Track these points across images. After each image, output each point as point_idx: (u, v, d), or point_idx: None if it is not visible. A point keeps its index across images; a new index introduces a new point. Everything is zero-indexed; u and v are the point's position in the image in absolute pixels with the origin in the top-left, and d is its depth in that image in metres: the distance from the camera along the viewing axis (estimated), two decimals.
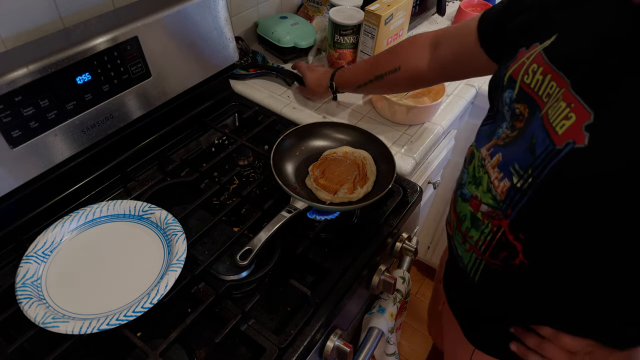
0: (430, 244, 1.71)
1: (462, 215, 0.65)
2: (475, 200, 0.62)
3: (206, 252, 0.76)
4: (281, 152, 0.86)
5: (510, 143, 0.57)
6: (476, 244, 0.62)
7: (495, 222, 0.58)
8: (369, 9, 1.01)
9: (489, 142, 0.62)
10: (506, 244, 0.57)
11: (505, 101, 0.60)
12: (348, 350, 0.70)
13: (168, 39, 0.84)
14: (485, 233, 0.60)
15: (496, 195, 0.57)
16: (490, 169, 0.59)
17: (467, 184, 0.65)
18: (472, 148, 0.67)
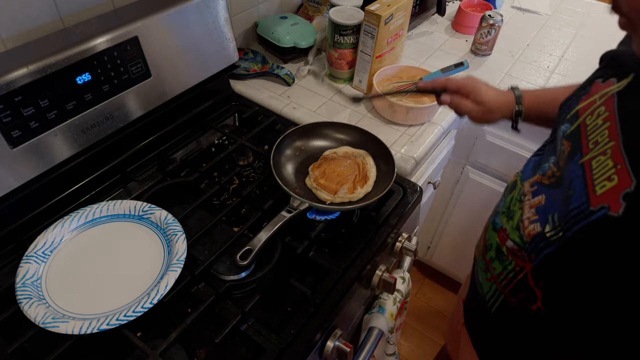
0: (430, 244, 1.71)
1: (489, 244, 0.64)
2: (503, 233, 0.60)
3: (206, 252, 0.76)
4: (281, 152, 0.87)
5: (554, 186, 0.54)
6: (498, 277, 0.61)
7: (520, 263, 0.57)
8: (369, 9, 1.01)
9: (534, 175, 0.59)
10: (527, 287, 0.56)
11: (559, 133, 0.57)
12: (348, 350, 0.70)
13: (168, 39, 0.84)
14: (509, 269, 0.59)
15: (523, 236, 0.56)
16: (526, 207, 0.57)
17: (500, 213, 0.63)
18: (517, 177, 0.64)
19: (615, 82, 0.51)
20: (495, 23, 1.22)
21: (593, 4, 1.60)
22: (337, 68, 1.14)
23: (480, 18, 1.24)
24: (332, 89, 1.16)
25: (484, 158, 1.33)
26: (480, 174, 1.37)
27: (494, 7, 1.47)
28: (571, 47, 1.35)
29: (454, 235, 1.60)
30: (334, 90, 1.15)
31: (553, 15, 1.53)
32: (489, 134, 1.26)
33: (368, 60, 1.09)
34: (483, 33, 1.25)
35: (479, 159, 1.34)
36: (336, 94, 1.14)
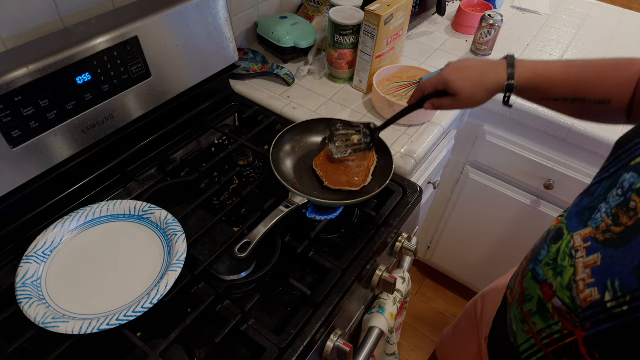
0: (430, 244, 1.71)
1: (528, 295, 0.59)
2: (549, 288, 0.55)
3: (206, 252, 0.76)
4: (280, 148, 0.87)
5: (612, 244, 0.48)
6: (539, 333, 0.57)
7: (569, 326, 0.52)
8: (369, 9, 1.01)
9: (585, 227, 0.52)
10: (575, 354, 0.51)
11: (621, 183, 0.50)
12: (348, 350, 0.70)
13: (168, 39, 0.84)
14: (554, 330, 0.54)
15: (576, 299, 0.50)
16: (580, 266, 0.51)
17: (544, 264, 0.57)
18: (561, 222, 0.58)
19: None
20: (495, 23, 1.22)
21: (593, 4, 1.60)
22: (337, 68, 1.14)
23: (480, 18, 1.24)
24: (332, 88, 1.16)
25: (484, 158, 1.33)
26: (480, 174, 1.37)
27: (494, 7, 1.47)
28: (571, 47, 1.35)
29: (454, 235, 1.60)
30: (334, 90, 1.15)
31: (553, 15, 1.53)
32: (489, 134, 1.26)
33: (368, 60, 1.09)
34: (483, 33, 1.25)
35: (479, 159, 1.34)
36: (336, 94, 1.14)
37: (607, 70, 0.69)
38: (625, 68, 0.67)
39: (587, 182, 1.17)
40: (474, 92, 0.74)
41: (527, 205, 1.32)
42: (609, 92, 0.67)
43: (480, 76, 0.74)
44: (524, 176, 1.28)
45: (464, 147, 1.34)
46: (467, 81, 0.74)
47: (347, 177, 0.84)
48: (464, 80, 0.74)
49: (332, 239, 0.83)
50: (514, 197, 1.33)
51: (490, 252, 1.53)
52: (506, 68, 0.72)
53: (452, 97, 0.76)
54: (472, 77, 0.74)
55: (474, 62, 0.76)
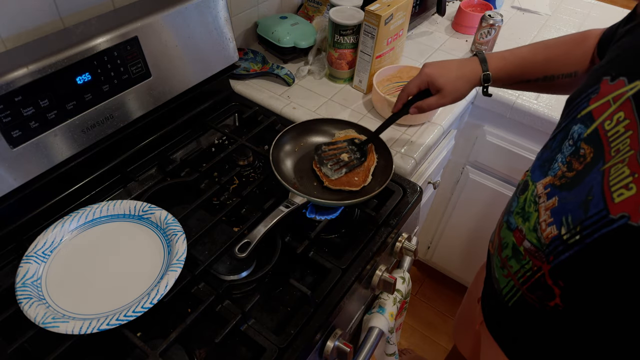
0: (430, 244, 1.71)
1: (505, 243, 0.65)
2: (519, 233, 0.61)
3: (206, 252, 0.76)
4: (280, 148, 0.87)
5: (566, 187, 0.54)
6: (515, 275, 0.62)
7: (537, 263, 0.57)
8: (369, 9, 1.01)
9: (545, 177, 0.59)
10: (544, 286, 0.57)
11: (571, 134, 0.56)
12: (348, 350, 0.70)
13: (168, 39, 0.84)
14: (526, 268, 0.60)
15: (540, 238, 0.56)
16: (542, 210, 0.57)
17: (514, 213, 0.64)
18: (527, 176, 0.64)
19: (626, 82, 0.50)
20: (495, 23, 1.22)
21: (593, 4, 1.60)
22: (337, 68, 1.14)
23: (480, 18, 1.24)
24: (332, 88, 1.16)
25: (484, 158, 1.33)
26: (480, 174, 1.37)
27: (494, 7, 1.47)
28: None
29: (454, 235, 1.60)
30: (334, 90, 1.15)
31: (553, 15, 1.53)
32: (489, 134, 1.26)
33: (368, 60, 1.09)
34: (483, 33, 1.25)
35: (479, 159, 1.34)
36: (336, 94, 1.14)
37: (569, 45, 0.76)
38: (583, 40, 0.74)
39: None
40: (456, 85, 0.78)
41: None
42: (574, 65, 0.74)
43: (459, 69, 0.78)
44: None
45: (464, 147, 1.34)
46: (449, 76, 0.78)
47: (347, 177, 0.84)
48: (447, 75, 0.78)
49: (332, 239, 0.83)
50: None
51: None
52: (479, 62, 0.78)
53: (436, 95, 0.79)
54: (453, 71, 0.78)
55: (450, 61, 0.81)
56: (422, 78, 0.79)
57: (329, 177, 0.83)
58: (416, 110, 0.82)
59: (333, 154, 0.86)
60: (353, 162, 0.85)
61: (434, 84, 0.78)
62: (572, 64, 0.74)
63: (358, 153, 0.86)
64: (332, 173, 0.84)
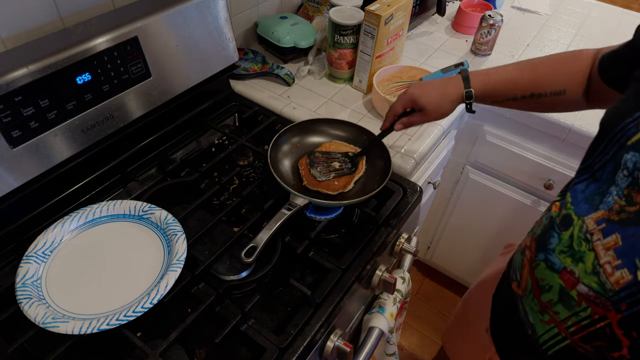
0: (430, 244, 1.71)
1: (546, 285, 0.59)
2: (570, 275, 0.55)
3: (206, 252, 0.76)
4: (278, 148, 0.87)
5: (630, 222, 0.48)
6: (563, 322, 0.57)
7: (599, 311, 0.52)
8: (369, 9, 1.01)
9: (595, 210, 0.53)
10: (609, 336, 0.51)
11: (624, 164, 0.50)
12: (348, 350, 0.70)
13: (168, 39, 0.84)
14: (581, 316, 0.54)
15: (606, 283, 0.50)
16: (600, 249, 0.51)
17: (557, 251, 0.57)
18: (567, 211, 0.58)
19: None
20: (495, 23, 1.22)
21: (593, 4, 1.60)
22: (337, 68, 1.14)
23: (480, 18, 1.24)
24: (332, 88, 1.16)
25: (484, 158, 1.33)
26: (480, 174, 1.37)
27: (494, 7, 1.47)
28: (571, 47, 1.35)
29: (454, 235, 1.60)
30: (334, 90, 1.15)
31: (553, 15, 1.53)
32: (489, 134, 1.26)
33: (368, 60, 1.09)
34: (483, 33, 1.25)
35: (479, 159, 1.34)
36: (336, 94, 1.14)
37: (558, 65, 0.75)
38: (574, 61, 0.74)
39: None
40: (439, 103, 0.80)
41: (527, 205, 1.32)
42: (563, 84, 0.73)
43: (442, 89, 0.80)
44: (524, 176, 1.28)
45: (464, 147, 1.34)
46: (431, 95, 0.79)
47: (328, 180, 0.83)
48: (429, 94, 0.79)
49: (332, 239, 0.83)
50: (514, 197, 1.33)
51: (490, 252, 1.53)
52: (462, 80, 0.79)
53: (419, 112, 0.81)
54: (436, 91, 0.80)
55: (434, 81, 0.82)
56: (406, 98, 0.81)
57: (315, 178, 0.83)
58: (401, 126, 0.84)
59: (325, 160, 0.86)
60: (343, 170, 0.85)
61: (416, 103, 0.80)
62: (561, 82, 0.74)
63: (350, 164, 0.87)
64: (320, 175, 0.84)
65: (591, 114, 1.12)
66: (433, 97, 0.79)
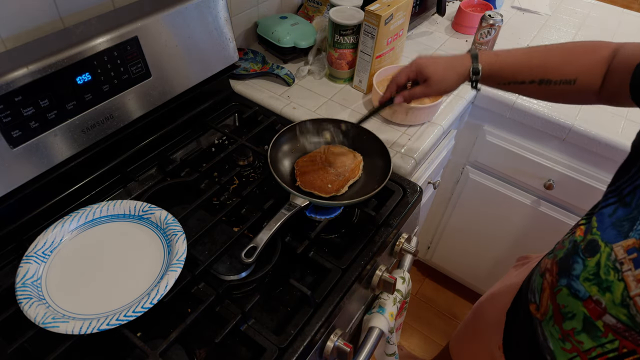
0: (430, 244, 1.71)
1: (568, 312, 0.57)
2: (596, 305, 0.53)
3: (206, 252, 0.76)
4: (278, 148, 0.87)
5: None
6: (587, 352, 0.55)
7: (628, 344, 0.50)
8: (369, 9, 1.01)
9: (625, 238, 0.50)
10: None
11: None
12: (348, 350, 0.70)
13: (168, 39, 0.84)
14: (607, 348, 0.52)
15: (636, 316, 0.48)
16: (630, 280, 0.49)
17: (582, 278, 0.55)
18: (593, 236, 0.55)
19: None
20: (495, 23, 1.22)
21: (593, 4, 1.60)
22: (337, 68, 1.14)
23: (480, 18, 1.24)
24: (332, 88, 1.16)
25: (484, 158, 1.33)
26: (480, 174, 1.37)
27: (494, 7, 1.47)
28: None
29: (454, 235, 1.60)
30: (334, 90, 1.15)
31: (553, 15, 1.53)
32: (489, 134, 1.26)
33: (368, 60, 1.09)
34: (483, 33, 1.25)
35: (479, 159, 1.34)
36: (336, 94, 1.14)
37: (573, 53, 0.72)
38: (592, 51, 0.70)
39: (587, 182, 1.17)
40: (445, 75, 0.77)
41: (527, 205, 1.32)
42: (576, 72, 0.70)
43: (450, 62, 0.78)
44: (524, 176, 1.28)
45: (464, 147, 1.34)
46: (438, 65, 0.77)
47: (322, 182, 0.83)
48: (436, 65, 0.77)
49: (332, 239, 0.83)
50: (514, 197, 1.33)
51: (491, 252, 1.53)
52: (470, 56, 0.77)
53: (422, 84, 0.79)
54: (443, 62, 0.78)
55: (440, 56, 0.80)
56: (412, 67, 0.79)
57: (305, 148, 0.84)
58: (401, 99, 0.82)
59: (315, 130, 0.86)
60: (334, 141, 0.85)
61: (422, 73, 0.78)
62: (574, 71, 0.71)
63: (341, 136, 0.86)
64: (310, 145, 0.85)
65: (591, 114, 1.13)
66: (440, 67, 0.77)
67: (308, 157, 0.88)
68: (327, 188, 0.82)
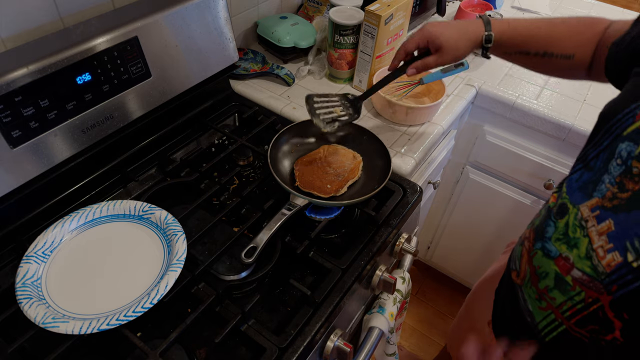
0: (430, 244, 1.71)
1: (542, 272, 0.60)
2: (565, 261, 0.56)
3: (206, 252, 0.76)
4: (278, 148, 0.87)
5: (622, 209, 0.50)
6: (559, 307, 0.58)
7: (592, 294, 0.53)
8: (369, 9, 1.01)
9: (589, 199, 0.54)
10: (602, 319, 0.53)
11: (619, 153, 0.52)
12: (348, 350, 0.70)
13: (168, 39, 0.84)
14: (576, 300, 0.55)
15: (598, 266, 0.52)
16: (594, 235, 0.53)
17: (553, 239, 0.59)
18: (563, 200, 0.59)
19: None
20: None
21: (593, 4, 1.60)
22: (337, 68, 1.14)
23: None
24: (332, 88, 1.16)
25: (484, 158, 1.33)
26: (480, 174, 1.37)
27: (494, 7, 1.47)
28: None
29: (454, 235, 1.60)
30: (334, 90, 1.15)
31: (553, 15, 1.53)
32: (489, 134, 1.26)
33: (368, 60, 1.09)
34: None
35: (479, 159, 1.34)
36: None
37: (575, 27, 0.74)
38: (590, 26, 0.73)
39: None
40: (457, 43, 0.77)
41: (527, 205, 1.32)
42: (574, 48, 0.73)
43: (462, 28, 0.78)
44: (524, 176, 1.28)
45: (464, 147, 1.34)
46: (451, 33, 0.77)
47: (321, 182, 0.83)
48: (448, 32, 0.76)
49: (332, 239, 0.83)
50: (514, 197, 1.33)
51: (491, 252, 1.53)
52: (483, 23, 0.77)
53: (435, 54, 0.78)
54: (455, 29, 0.77)
55: (451, 21, 0.79)
56: (423, 35, 0.78)
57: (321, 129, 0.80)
58: (414, 71, 0.81)
59: (325, 105, 0.82)
60: (346, 117, 0.82)
61: (434, 42, 0.77)
62: (574, 46, 0.73)
63: (351, 109, 0.83)
64: (324, 125, 0.81)
65: (591, 114, 1.13)
66: (453, 35, 0.76)
67: (308, 157, 0.88)
68: (326, 188, 0.81)
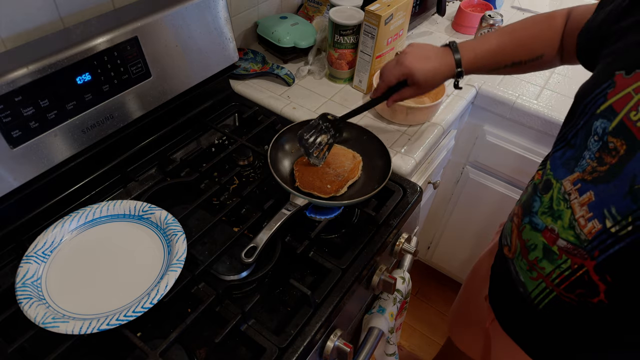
0: (430, 244, 1.71)
1: (531, 244, 0.64)
2: (551, 233, 0.60)
3: (206, 252, 0.76)
4: (278, 149, 0.87)
5: (601, 180, 0.54)
6: (548, 276, 0.62)
7: (577, 260, 0.57)
8: (369, 9, 1.01)
9: (571, 173, 0.58)
10: (588, 283, 0.56)
11: (595, 130, 0.56)
12: (348, 350, 0.70)
13: (168, 39, 0.84)
14: (563, 268, 0.59)
15: (580, 234, 0.56)
16: (576, 206, 0.57)
17: (540, 213, 0.63)
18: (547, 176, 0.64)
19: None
20: (495, 23, 1.22)
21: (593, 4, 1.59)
22: (337, 68, 1.14)
23: (480, 18, 1.24)
24: (332, 88, 1.16)
25: (484, 158, 1.33)
26: (480, 174, 1.37)
27: (494, 7, 1.47)
28: None
29: (454, 235, 1.60)
30: (334, 90, 1.15)
31: None
32: (489, 134, 1.26)
33: (368, 60, 1.09)
34: (483, 33, 1.25)
35: (479, 159, 1.34)
36: (336, 94, 1.14)
37: (533, 30, 0.80)
38: (547, 24, 0.78)
39: None
40: (433, 79, 0.84)
41: None
42: (541, 49, 0.79)
43: (438, 66, 0.83)
44: (524, 176, 1.28)
45: (464, 147, 1.34)
46: (428, 72, 0.82)
47: (321, 182, 0.83)
48: (426, 71, 0.82)
49: (332, 239, 0.83)
50: (514, 197, 1.33)
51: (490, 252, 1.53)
52: (454, 58, 0.82)
53: (412, 87, 0.85)
54: (432, 68, 0.83)
55: (428, 51, 0.84)
56: (402, 71, 0.84)
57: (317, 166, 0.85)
58: (392, 102, 0.88)
59: (314, 140, 0.86)
60: (330, 141, 0.86)
61: (412, 78, 0.83)
62: (540, 47, 0.78)
63: (332, 130, 0.87)
64: (319, 161, 0.85)
65: None
66: (429, 73, 0.83)
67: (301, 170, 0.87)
68: (326, 189, 0.81)
